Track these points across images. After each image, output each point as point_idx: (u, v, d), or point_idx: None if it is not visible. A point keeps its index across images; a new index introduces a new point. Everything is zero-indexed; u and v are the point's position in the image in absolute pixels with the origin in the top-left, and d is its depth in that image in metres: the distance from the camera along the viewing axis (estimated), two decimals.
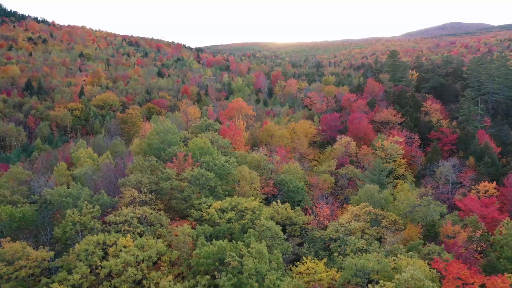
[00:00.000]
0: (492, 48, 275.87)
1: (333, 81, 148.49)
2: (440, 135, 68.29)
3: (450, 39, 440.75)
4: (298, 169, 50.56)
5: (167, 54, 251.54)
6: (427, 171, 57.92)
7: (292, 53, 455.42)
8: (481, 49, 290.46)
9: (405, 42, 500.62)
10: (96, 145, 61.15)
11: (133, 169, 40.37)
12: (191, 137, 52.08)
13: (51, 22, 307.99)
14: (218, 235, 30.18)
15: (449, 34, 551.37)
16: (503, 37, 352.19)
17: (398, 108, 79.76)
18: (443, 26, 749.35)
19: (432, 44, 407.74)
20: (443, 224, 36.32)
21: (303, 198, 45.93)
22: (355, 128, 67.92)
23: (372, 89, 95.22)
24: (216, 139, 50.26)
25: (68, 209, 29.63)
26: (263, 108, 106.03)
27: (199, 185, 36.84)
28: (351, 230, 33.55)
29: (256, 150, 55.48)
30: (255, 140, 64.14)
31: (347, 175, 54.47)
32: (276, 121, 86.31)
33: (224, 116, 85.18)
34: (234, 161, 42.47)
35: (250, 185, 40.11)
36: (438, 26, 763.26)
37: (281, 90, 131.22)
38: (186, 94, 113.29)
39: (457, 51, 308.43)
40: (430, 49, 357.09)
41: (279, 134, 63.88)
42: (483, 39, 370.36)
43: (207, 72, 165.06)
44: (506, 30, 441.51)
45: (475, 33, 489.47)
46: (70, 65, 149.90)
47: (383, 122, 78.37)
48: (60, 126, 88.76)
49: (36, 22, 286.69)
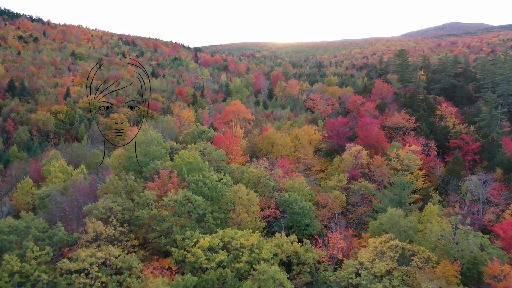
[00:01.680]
0: (495, 48, 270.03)
1: (335, 82, 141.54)
2: (460, 142, 61.06)
3: (450, 39, 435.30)
4: (304, 185, 43.41)
5: (164, 53, 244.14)
6: (451, 185, 50.73)
7: (292, 53, 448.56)
8: (484, 49, 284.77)
9: (406, 42, 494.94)
10: (74, 155, 53.81)
11: (106, 190, 33.14)
12: (181, 148, 44.85)
13: (46, 21, 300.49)
14: (206, 287, 22.97)
15: (449, 34, 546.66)
16: (505, 37, 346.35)
17: (411, 112, 72.65)
18: (442, 26, 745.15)
19: (433, 44, 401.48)
20: (488, 262, 29.18)
21: (310, 222, 38.80)
22: (366, 135, 60.70)
23: (381, 91, 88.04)
24: (209, 150, 43.06)
25: (7, 254, 22.39)
26: (262, 111, 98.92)
27: (184, 213, 29.61)
28: (375, 274, 26.38)
29: (255, 162, 48.30)
30: (254, 149, 56.95)
31: (360, 191, 47.31)
32: (277, 126, 79.17)
33: (220, 121, 77.98)
34: (228, 179, 35.25)
35: (247, 210, 32.90)
36: (437, 26, 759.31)
37: (281, 91, 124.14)
38: (181, 96, 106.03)
39: (459, 51, 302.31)
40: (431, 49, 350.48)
41: (281, 143, 56.68)
42: (485, 39, 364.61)
43: (204, 72, 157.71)
44: (507, 30, 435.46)
45: (475, 33, 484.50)
46: (60, 65, 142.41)
47: (395, 127, 71.27)
48: (41, 131, 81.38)
49: (30, 20, 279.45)
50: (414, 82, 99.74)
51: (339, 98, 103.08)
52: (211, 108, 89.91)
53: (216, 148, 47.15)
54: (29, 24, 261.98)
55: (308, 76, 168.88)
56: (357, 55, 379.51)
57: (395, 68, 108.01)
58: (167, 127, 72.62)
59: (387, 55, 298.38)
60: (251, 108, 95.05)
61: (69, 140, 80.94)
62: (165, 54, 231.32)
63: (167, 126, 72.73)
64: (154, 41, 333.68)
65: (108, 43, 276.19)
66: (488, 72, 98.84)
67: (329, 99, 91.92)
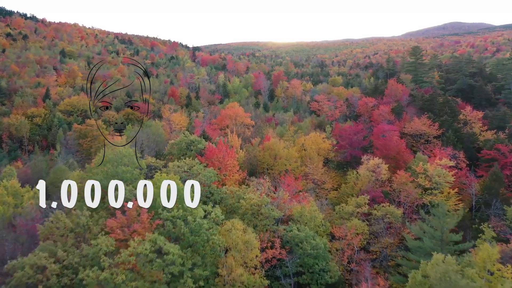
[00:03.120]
0: (501, 47, 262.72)
1: (340, 82, 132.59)
2: (496, 154, 52.01)
3: (453, 39, 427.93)
4: (315, 214, 34.38)
5: (160, 52, 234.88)
6: (493, 210, 41.62)
7: (292, 53, 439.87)
8: (489, 48, 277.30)
9: (407, 41, 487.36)
10: (36, 169, 44.51)
11: (49, 232, 24.07)
12: (163, 164, 35.82)
13: (41, 19, 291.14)
14: None
15: (451, 34, 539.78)
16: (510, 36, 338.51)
17: (433, 117, 63.59)
18: (443, 26, 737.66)
19: (435, 44, 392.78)
20: None
21: (326, 265, 29.73)
22: (384, 145, 51.53)
23: (395, 92, 78.94)
24: (196, 170, 34.00)
25: None
26: (263, 114, 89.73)
27: (151, 272, 20.51)
28: None
29: (254, 181, 39.16)
30: (253, 162, 47.81)
31: (385, 219, 38.25)
32: (280, 131, 70.10)
33: (215, 126, 68.93)
34: (218, 214, 26.16)
35: (244, 260, 23.83)
36: (438, 26, 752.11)
37: (283, 92, 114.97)
38: (173, 97, 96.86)
39: (464, 50, 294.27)
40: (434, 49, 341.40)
41: (285, 155, 47.55)
42: (489, 38, 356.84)
43: (201, 72, 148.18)
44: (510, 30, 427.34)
45: (477, 33, 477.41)
46: (47, 63, 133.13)
47: (415, 135, 62.28)
48: (14, 138, 72.24)
49: (24, 18, 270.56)
50: (429, 83, 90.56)
51: (346, 100, 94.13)
52: (205, 111, 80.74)
53: (206, 165, 38.10)
54: (21, 21, 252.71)
55: (311, 75, 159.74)
56: (359, 54, 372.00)
57: (407, 67, 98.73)
58: (154, 133, 63.63)
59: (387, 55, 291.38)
60: (250, 111, 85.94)
61: (45, 147, 71.89)
62: (160, 53, 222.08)
63: (154, 132, 63.73)
64: (152, 40, 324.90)
65: (103, 41, 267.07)
66: (511, 71, 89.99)
67: (337, 101, 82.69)
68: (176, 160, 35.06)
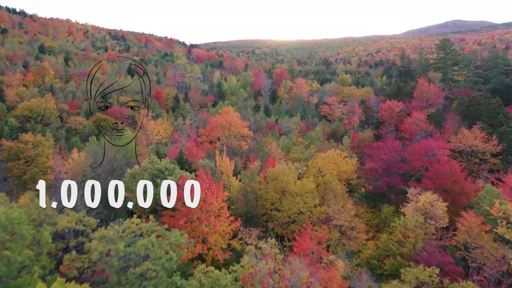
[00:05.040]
0: (510, 44, 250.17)
1: (349, 81, 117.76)
2: None
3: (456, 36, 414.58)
4: None
5: (152, 48, 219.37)
6: None
7: (293, 50, 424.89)
8: (498, 45, 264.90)
9: (409, 39, 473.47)
10: None
11: None
12: (89, 228, 20.79)
13: (31, 14, 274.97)
14: None
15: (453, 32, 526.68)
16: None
17: (487, 128, 48.62)
18: (445, 24, 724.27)
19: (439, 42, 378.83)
20: None
21: None
22: (437, 172, 36.50)
23: (426, 94, 63.87)
24: (147, 244, 18.94)
25: None
26: (264, 119, 74.57)
27: None
28: None
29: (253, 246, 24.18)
30: (250, 200, 32.55)
31: None
32: (286, 144, 55.11)
33: (203, 138, 53.91)
34: None
35: None
36: (440, 24, 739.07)
37: (287, 92, 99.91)
38: (157, 100, 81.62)
39: (470, 48, 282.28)
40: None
41: (297, 189, 32.42)
42: (496, 36, 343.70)
43: (194, 69, 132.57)
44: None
45: (480, 31, 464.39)
46: (19, 60, 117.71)
47: (466, 152, 47.26)
48: None
49: (11, 13, 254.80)
50: (464, 82, 75.44)
51: (362, 102, 79.16)
52: (192, 118, 65.32)
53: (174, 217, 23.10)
54: (6, 16, 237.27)
55: (316, 74, 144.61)
56: (361, 52, 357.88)
57: (436, 63, 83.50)
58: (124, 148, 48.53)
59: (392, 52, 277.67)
60: (249, 116, 70.90)
61: None
62: (152, 49, 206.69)
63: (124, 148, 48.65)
64: (147, 36, 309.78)
65: (93, 37, 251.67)
66: None
67: (356, 105, 67.50)
68: (117, 225, 19.79)
